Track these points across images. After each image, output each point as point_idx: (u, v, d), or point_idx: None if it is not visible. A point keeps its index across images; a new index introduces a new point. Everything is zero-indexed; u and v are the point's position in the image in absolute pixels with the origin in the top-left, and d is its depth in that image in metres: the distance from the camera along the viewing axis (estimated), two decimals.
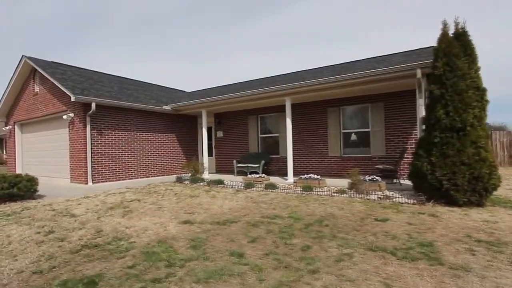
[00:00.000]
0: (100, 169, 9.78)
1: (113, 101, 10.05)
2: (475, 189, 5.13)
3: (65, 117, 9.78)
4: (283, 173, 11.10)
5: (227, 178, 9.91)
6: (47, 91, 11.00)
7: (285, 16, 43.30)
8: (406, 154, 8.74)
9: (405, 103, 9.27)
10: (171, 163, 12.43)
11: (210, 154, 12.72)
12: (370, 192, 6.59)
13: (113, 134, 10.26)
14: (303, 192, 7.14)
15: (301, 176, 8.46)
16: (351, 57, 57.85)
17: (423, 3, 38.32)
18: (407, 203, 5.63)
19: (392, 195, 6.23)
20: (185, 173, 10.63)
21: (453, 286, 2.34)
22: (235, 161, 11.81)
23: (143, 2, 40.33)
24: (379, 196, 6.26)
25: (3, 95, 12.82)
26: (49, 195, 7.54)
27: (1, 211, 5.68)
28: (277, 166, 11.80)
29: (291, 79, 11.13)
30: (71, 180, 10.00)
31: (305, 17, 44.89)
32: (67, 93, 9.20)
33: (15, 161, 13.16)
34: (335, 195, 6.69)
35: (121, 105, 10.30)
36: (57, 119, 10.74)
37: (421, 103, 7.46)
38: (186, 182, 9.62)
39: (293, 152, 9.74)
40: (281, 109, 11.32)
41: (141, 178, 11.10)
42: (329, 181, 8.46)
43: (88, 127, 9.42)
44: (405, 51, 10.87)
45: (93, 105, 9.25)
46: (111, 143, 10.19)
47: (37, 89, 11.63)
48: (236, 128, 13.15)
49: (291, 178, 9.26)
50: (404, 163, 8.88)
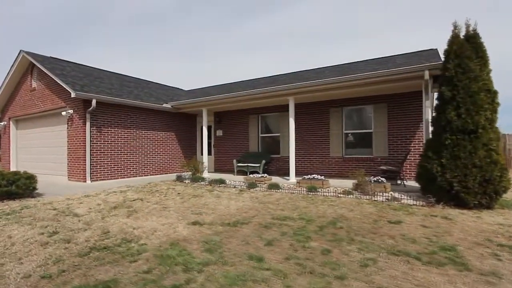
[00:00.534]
0: (99, 167, 9.57)
1: (114, 98, 9.83)
2: (486, 191, 5.10)
3: (64, 113, 9.54)
4: (283, 173, 11.02)
5: (227, 177, 9.77)
6: (45, 86, 10.72)
7: (285, 16, 43.22)
8: (408, 155, 8.71)
9: (409, 104, 9.25)
10: (170, 162, 12.25)
11: (209, 153, 12.58)
12: (376, 193, 6.53)
13: (113, 131, 10.04)
14: (309, 192, 7.05)
15: (304, 176, 8.37)
16: (351, 57, 58.16)
17: (423, 3, 38.59)
18: (416, 205, 5.58)
19: (400, 196, 6.16)
20: (184, 172, 10.47)
21: None
22: (235, 161, 11.69)
23: (143, 1, 39.90)
24: (386, 197, 6.19)
25: None
26: (48, 193, 7.32)
27: (0, 210, 5.48)
28: (277, 166, 11.70)
29: (293, 78, 11.04)
30: (68, 177, 9.76)
31: (305, 17, 44.85)
32: (67, 89, 8.97)
33: (10, 158, 12.84)
34: (341, 196, 6.61)
35: (121, 102, 10.08)
36: (55, 115, 10.48)
37: (427, 105, 7.44)
38: (186, 181, 9.46)
39: (295, 152, 9.64)
40: (282, 108, 11.24)
41: (139, 176, 10.90)
42: (332, 182, 8.39)
43: (87, 124, 9.19)
44: (405, 53, 10.87)
45: (94, 102, 9.03)
46: (111, 141, 9.97)
47: (34, 84, 11.34)
48: (236, 127, 13.02)
49: (293, 178, 9.17)
50: (405, 164, 8.87)
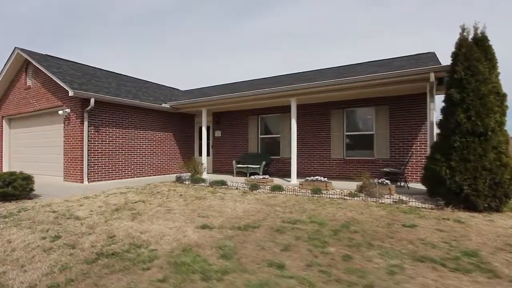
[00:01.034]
0: (96, 167, 9.32)
1: (112, 97, 9.60)
2: (496, 194, 5.08)
3: (60, 112, 9.27)
4: (283, 175, 10.92)
5: (227, 178, 9.61)
6: (40, 85, 10.42)
7: (285, 16, 43.16)
8: (410, 157, 8.69)
9: (411, 106, 9.24)
10: (168, 162, 12.04)
11: (207, 153, 12.40)
12: (382, 195, 6.47)
13: (111, 131, 9.81)
14: (313, 195, 6.96)
15: (307, 178, 8.27)
16: (351, 58, 58.61)
17: (422, 4, 38.98)
18: (424, 208, 5.53)
19: (407, 199, 6.11)
20: (183, 173, 10.28)
21: None
22: (234, 161, 11.54)
23: (143, 1, 39.44)
24: (393, 200, 6.13)
25: None
26: (45, 194, 7.08)
27: None
28: (276, 167, 11.59)
29: (294, 79, 10.96)
30: (64, 178, 9.49)
31: (305, 17, 44.91)
32: (65, 87, 8.72)
33: (2, 158, 12.47)
34: (347, 198, 6.53)
35: (120, 102, 9.85)
36: (50, 114, 10.20)
37: (432, 107, 7.43)
38: (186, 182, 9.28)
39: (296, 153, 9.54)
40: (283, 109, 11.15)
41: (138, 177, 10.68)
42: (334, 184, 8.31)
43: (85, 124, 8.95)
44: (404, 56, 10.92)
45: (92, 101, 8.79)
46: (108, 141, 9.74)
47: (29, 83, 11.02)
48: (235, 127, 12.86)
49: (294, 180, 9.07)
50: (408, 165, 8.85)
